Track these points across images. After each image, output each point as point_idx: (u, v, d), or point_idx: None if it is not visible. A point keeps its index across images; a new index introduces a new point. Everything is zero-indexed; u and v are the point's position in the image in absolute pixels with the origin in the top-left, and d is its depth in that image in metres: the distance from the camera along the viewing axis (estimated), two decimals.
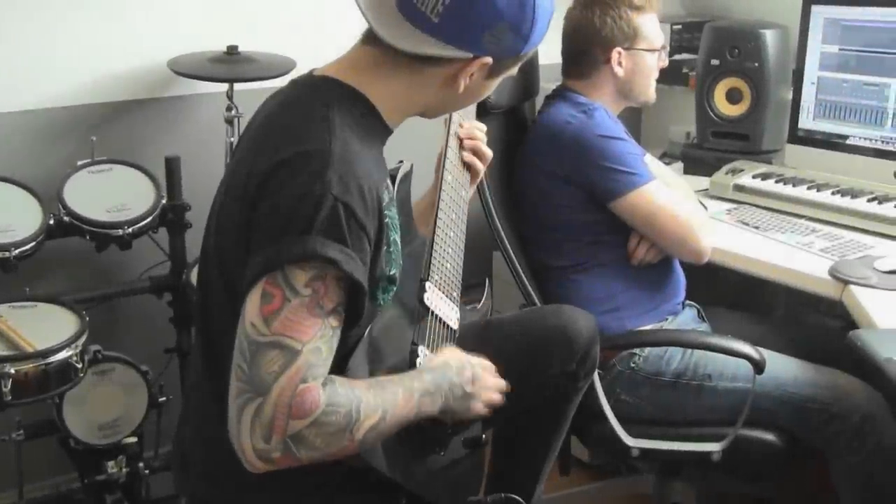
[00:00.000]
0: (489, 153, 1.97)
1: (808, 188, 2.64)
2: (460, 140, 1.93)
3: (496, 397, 1.71)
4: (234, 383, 1.38)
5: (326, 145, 1.44)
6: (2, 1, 2.50)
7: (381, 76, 1.55)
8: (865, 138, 2.73)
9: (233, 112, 2.64)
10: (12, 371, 2.16)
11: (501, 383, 1.73)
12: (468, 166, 1.96)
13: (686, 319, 2.46)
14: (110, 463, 2.55)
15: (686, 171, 3.02)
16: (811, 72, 2.80)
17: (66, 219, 2.45)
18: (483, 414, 1.69)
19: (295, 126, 1.50)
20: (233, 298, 1.47)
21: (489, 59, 1.53)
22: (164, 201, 2.59)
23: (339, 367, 1.47)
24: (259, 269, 1.39)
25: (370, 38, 1.55)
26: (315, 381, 1.37)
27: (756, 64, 2.89)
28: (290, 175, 1.42)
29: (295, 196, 1.40)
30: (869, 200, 2.53)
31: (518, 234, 2.43)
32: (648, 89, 2.46)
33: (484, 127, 1.99)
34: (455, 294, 1.83)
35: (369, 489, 1.62)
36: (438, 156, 1.93)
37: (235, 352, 1.39)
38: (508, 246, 2.36)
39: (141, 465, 2.60)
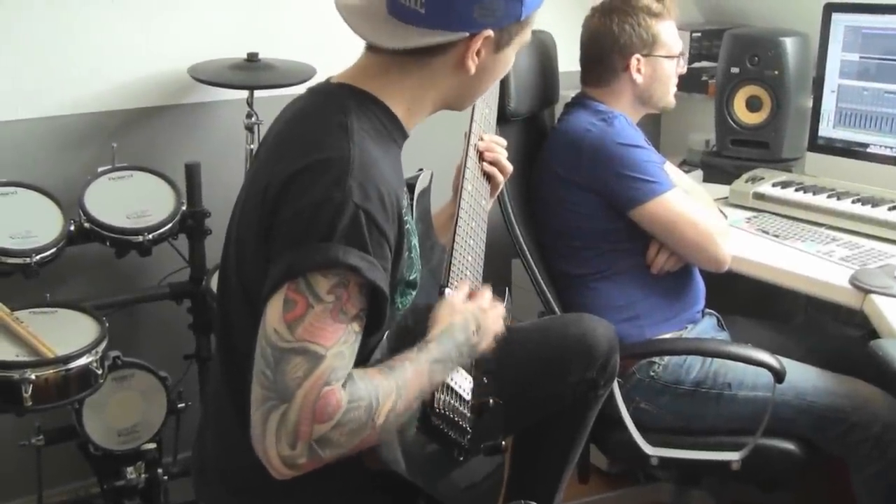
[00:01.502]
0: (509, 167, 1.97)
1: (829, 196, 2.63)
2: (480, 153, 1.94)
3: (500, 329, 1.70)
4: (257, 390, 1.38)
5: (345, 152, 1.44)
6: (23, 8, 2.52)
7: (392, 78, 1.56)
8: (886, 146, 2.71)
9: (253, 119, 2.65)
10: (33, 377, 2.16)
11: (500, 311, 1.71)
12: (488, 177, 1.96)
13: (705, 328, 2.45)
14: (129, 469, 2.57)
15: (705, 180, 3.02)
16: (831, 80, 2.79)
17: (86, 225, 2.46)
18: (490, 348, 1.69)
19: (313, 134, 1.50)
20: (252, 305, 1.48)
21: (489, 33, 1.52)
22: (184, 208, 2.60)
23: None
24: (281, 277, 1.39)
25: (372, 45, 1.57)
26: (337, 382, 1.37)
27: (776, 72, 2.89)
28: (310, 183, 1.42)
29: (315, 204, 1.40)
30: (890, 209, 2.51)
31: (537, 241, 2.43)
32: (667, 96, 2.46)
33: (504, 141, 1.99)
34: None
35: (389, 493, 1.62)
36: (457, 168, 1.94)
37: (258, 359, 1.39)
38: (528, 253, 2.36)
39: (160, 471, 2.61)
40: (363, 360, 1.49)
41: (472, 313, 1.65)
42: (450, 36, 1.50)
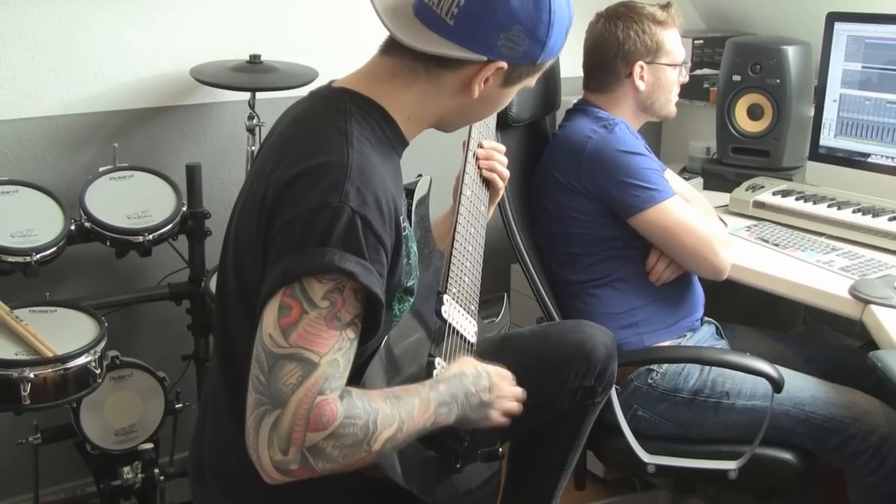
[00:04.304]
0: (506, 173, 1.98)
1: (829, 206, 2.63)
2: (479, 159, 1.94)
3: (513, 406, 1.72)
4: (251, 395, 1.38)
5: (344, 157, 1.44)
6: (26, 7, 2.52)
7: (398, 86, 1.56)
8: (887, 156, 2.71)
9: (254, 121, 2.65)
10: (32, 376, 2.16)
11: (518, 391, 1.73)
12: (487, 184, 1.96)
13: (704, 336, 2.45)
14: (126, 468, 2.56)
15: (706, 187, 3.02)
16: (833, 89, 2.79)
17: (87, 225, 2.46)
18: (500, 423, 1.69)
19: (313, 138, 1.50)
20: (250, 308, 1.48)
21: (504, 64, 1.53)
22: (184, 209, 2.60)
23: (356, 377, 1.47)
24: (276, 281, 1.39)
25: (388, 48, 1.57)
26: (332, 393, 1.37)
27: (778, 80, 2.89)
28: (308, 187, 1.42)
29: (312, 208, 1.40)
30: (890, 219, 2.51)
31: (536, 247, 2.43)
32: (669, 104, 2.46)
33: (502, 147, 2.00)
34: (473, 307, 1.83)
35: (385, 500, 1.62)
36: (456, 178, 1.94)
37: (253, 363, 1.39)
38: (527, 259, 2.36)
39: (156, 471, 2.61)
40: (361, 367, 1.49)
41: (486, 370, 1.66)
42: (468, 54, 1.50)
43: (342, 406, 1.37)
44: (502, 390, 1.69)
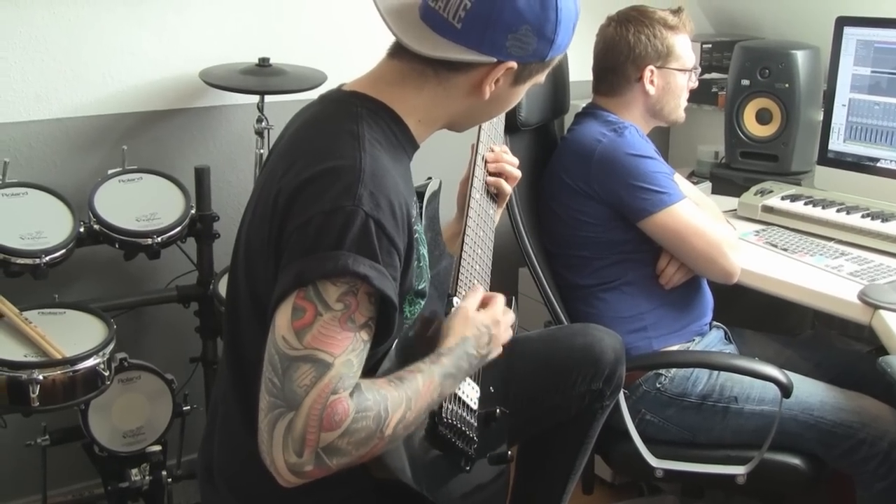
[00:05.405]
0: (516, 174, 1.98)
1: (838, 211, 2.62)
2: (488, 163, 1.94)
3: (510, 335, 1.72)
4: (265, 398, 1.38)
5: (356, 161, 1.44)
6: (36, 10, 2.53)
7: (408, 89, 1.56)
8: None
9: (263, 124, 2.65)
10: (41, 377, 2.17)
11: (511, 320, 1.72)
12: (496, 187, 1.96)
13: (713, 340, 2.45)
14: (134, 471, 2.57)
15: (714, 191, 3.01)
16: (842, 94, 2.78)
17: (95, 227, 2.47)
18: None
19: (324, 142, 1.50)
20: (261, 312, 1.48)
21: (514, 64, 1.53)
22: (193, 211, 2.60)
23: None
24: (290, 284, 1.39)
25: (396, 52, 1.57)
26: (345, 391, 1.36)
27: (786, 85, 2.88)
28: (321, 191, 1.42)
29: (325, 212, 1.40)
30: None
31: (545, 250, 2.43)
32: (678, 109, 2.46)
33: (514, 160, 2.00)
34: None
35: (394, 501, 1.61)
36: (461, 182, 1.94)
37: (266, 366, 1.39)
38: (535, 262, 2.36)
39: (164, 473, 2.61)
40: (372, 368, 1.49)
41: (486, 325, 1.65)
42: (477, 57, 1.50)
43: (353, 402, 1.36)
44: (500, 335, 1.68)
